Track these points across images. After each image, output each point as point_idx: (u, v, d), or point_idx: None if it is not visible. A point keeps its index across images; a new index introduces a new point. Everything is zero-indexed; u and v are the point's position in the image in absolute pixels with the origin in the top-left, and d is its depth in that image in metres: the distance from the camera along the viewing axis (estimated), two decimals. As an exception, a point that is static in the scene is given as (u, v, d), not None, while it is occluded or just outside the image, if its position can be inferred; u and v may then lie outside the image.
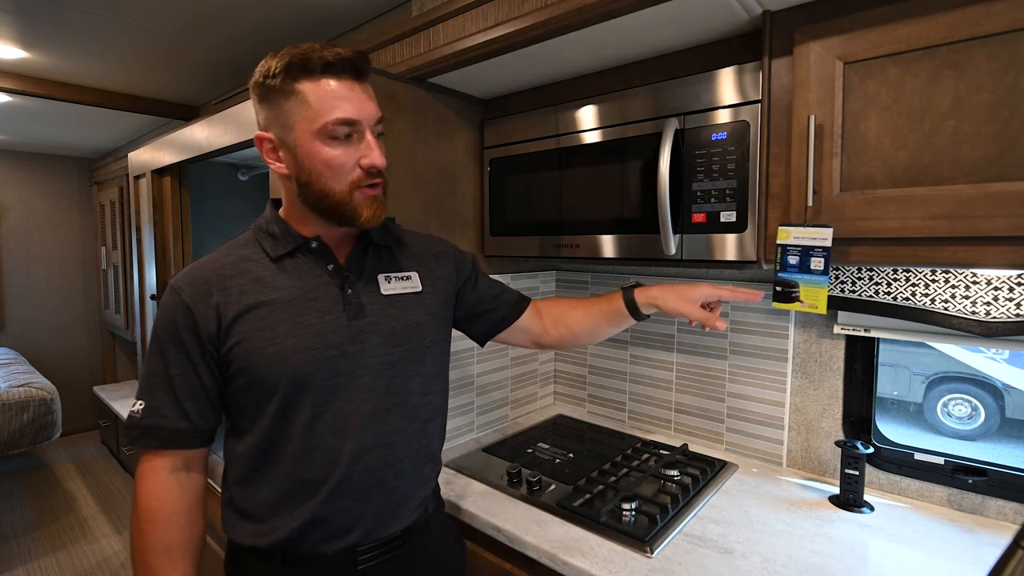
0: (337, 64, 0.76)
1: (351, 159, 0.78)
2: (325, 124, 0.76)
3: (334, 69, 0.76)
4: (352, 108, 0.77)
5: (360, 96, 0.79)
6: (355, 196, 0.79)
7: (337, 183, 0.78)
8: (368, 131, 0.79)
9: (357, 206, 0.80)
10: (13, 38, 1.90)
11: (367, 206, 0.81)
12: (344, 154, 0.78)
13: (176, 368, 0.79)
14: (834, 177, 0.90)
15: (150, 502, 0.78)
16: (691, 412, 1.50)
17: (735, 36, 1.05)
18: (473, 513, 1.11)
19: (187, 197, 2.03)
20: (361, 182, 0.79)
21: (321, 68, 0.76)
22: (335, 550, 0.82)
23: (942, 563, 0.93)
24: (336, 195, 0.79)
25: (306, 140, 0.77)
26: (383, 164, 0.80)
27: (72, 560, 2.43)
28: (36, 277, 3.90)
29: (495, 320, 1.05)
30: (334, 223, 0.83)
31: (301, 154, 0.78)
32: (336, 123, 0.76)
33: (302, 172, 0.79)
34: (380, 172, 0.81)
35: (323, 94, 0.76)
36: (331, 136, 0.77)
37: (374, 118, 0.80)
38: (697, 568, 0.91)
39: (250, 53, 2.07)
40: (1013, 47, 0.74)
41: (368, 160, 0.78)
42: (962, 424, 2.74)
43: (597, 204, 1.24)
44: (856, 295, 1.17)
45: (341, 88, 0.77)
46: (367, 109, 0.79)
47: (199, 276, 0.81)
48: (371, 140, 0.79)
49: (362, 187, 0.80)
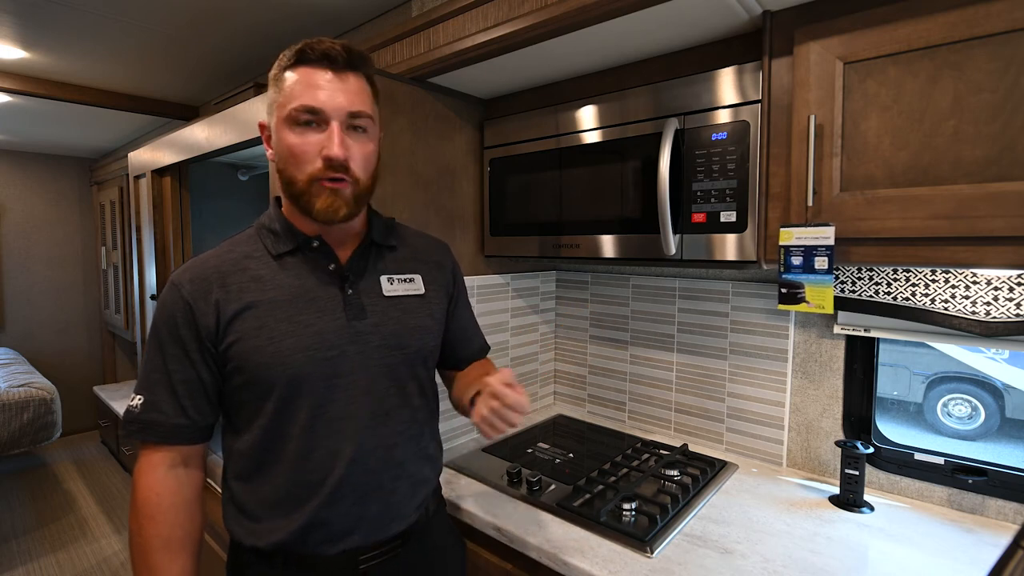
0: (312, 54, 0.77)
1: (313, 148, 0.77)
2: (290, 110, 0.77)
3: (308, 58, 0.78)
4: (319, 96, 0.76)
5: (333, 87, 0.77)
6: (313, 187, 0.78)
7: (299, 171, 0.78)
8: (334, 122, 0.77)
9: (313, 197, 0.78)
10: (13, 38, 1.91)
11: (321, 197, 0.78)
12: (305, 142, 0.77)
13: (174, 364, 0.79)
14: (834, 177, 0.90)
15: (149, 496, 0.78)
16: (691, 412, 1.50)
17: (735, 36, 1.05)
18: (473, 513, 1.11)
19: (187, 197, 2.03)
20: (321, 174, 0.77)
21: (299, 58, 0.78)
22: (336, 552, 0.82)
23: (942, 563, 0.93)
24: (298, 183, 0.79)
25: (279, 126, 0.79)
26: (340, 155, 0.76)
27: (72, 560, 2.43)
28: (36, 277, 3.90)
29: (454, 360, 1.04)
30: (301, 213, 0.82)
31: (276, 140, 0.81)
32: (298, 109, 0.76)
33: (279, 159, 0.81)
34: (344, 168, 0.78)
35: (295, 81, 0.78)
36: (295, 122, 0.77)
37: (343, 110, 0.77)
38: (697, 568, 0.91)
39: (250, 53, 2.07)
40: (1013, 47, 0.74)
41: (326, 151, 0.76)
42: (962, 424, 2.74)
43: (597, 204, 1.24)
44: (856, 295, 1.17)
45: (313, 76, 0.77)
46: (336, 100, 0.77)
47: (199, 272, 0.81)
48: (334, 130, 0.77)
49: (322, 179, 0.78)
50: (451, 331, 1.02)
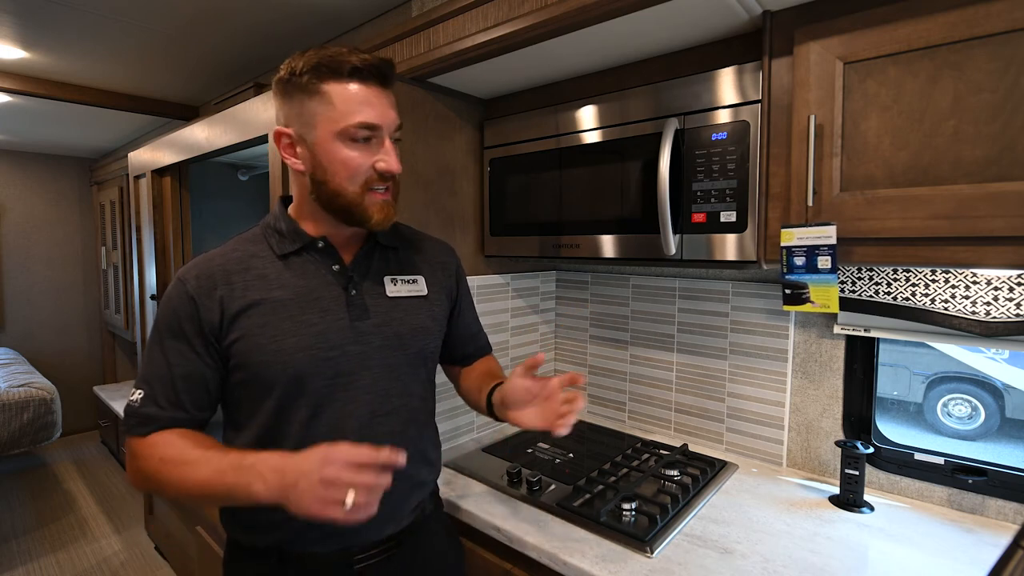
0: (365, 70, 0.78)
1: (367, 162, 0.80)
2: (347, 126, 0.77)
3: (361, 74, 0.78)
4: (375, 113, 0.79)
5: (383, 102, 0.80)
6: (367, 198, 0.81)
7: (351, 184, 0.80)
8: (387, 137, 0.81)
9: (368, 208, 0.81)
10: (13, 38, 1.90)
11: (378, 210, 0.82)
12: (361, 156, 0.79)
13: (176, 359, 0.79)
14: (834, 177, 0.90)
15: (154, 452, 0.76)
16: (691, 412, 1.50)
17: (735, 36, 1.05)
18: (473, 513, 1.11)
19: (187, 197, 2.03)
20: (373, 184, 0.81)
21: (349, 71, 0.77)
22: (331, 551, 0.82)
23: (942, 563, 0.93)
24: (349, 195, 0.80)
25: (326, 139, 0.79)
26: (399, 170, 0.82)
27: (72, 560, 2.43)
28: (36, 277, 3.90)
29: (459, 357, 1.08)
30: (344, 222, 0.84)
31: (319, 152, 0.79)
32: (358, 126, 0.78)
33: (318, 170, 0.80)
34: (392, 177, 0.83)
35: (348, 97, 0.78)
36: (351, 138, 0.78)
37: (394, 125, 0.82)
38: (697, 568, 0.91)
39: (250, 53, 2.07)
40: (1013, 47, 0.74)
41: (384, 164, 0.80)
42: (962, 424, 2.74)
43: (597, 204, 1.24)
44: (856, 295, 1.17)
45: (366, 93, 0.79)
46: (388, 115, 0.81)
47: (205, 269, 0.81)
48: (389, 145, 0.81)
49: (373, 190, 0.81)
50: (455, 332, 1.04)
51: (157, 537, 2.43)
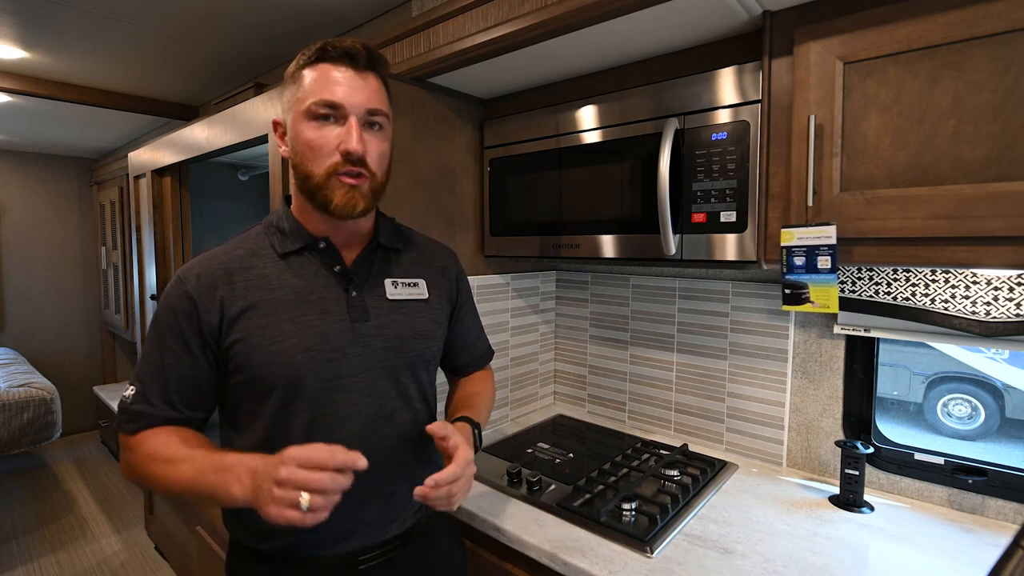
0: (333, 51, 0.78)
1: (331, 143, 0.78)
2: (309, 104, 0.77)
3: (329, 55, 0.79)
4: (339, 91, 0.77)
5: (352, 84, 0.79)
6: (331, 181, 0.79)
7: (316, 165, 0.78)
8: (353, 117, 0.78)
9: (331, 191, 0.79)
10: (13, 38, 1.90)
11: (341, 194, 0.79)
12: (323, 136, 0.78)
13: (171, 358, 0.79)
14: (834, 177, 0.90)
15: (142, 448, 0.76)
16: (691, 412, 1.50)
17: (735, 36, 1.05)
18: (473, 513, 1.11)
19: (187, 197, 2.03)
20: (339, 168, 0.78)
21: (319, 54, 0.79)
22: (335, 554, 0.82)
23: (942, 563, 0.93)
24: (315, 178, 0.79)
25: (296, 120, 0.79)
26: (358, 150, 0.77)
27: (72, 560, 2.43)
28: (36, 277, 3.90)
29: (457, 364, 1.07)
30: (316, 209, 0.81)
31: (293, 134, 0.81)
32: (318, 103, 0.77)
33: (295, 154, 0.81)
34: (362, 162, 0.79)
35: (315, 77, 0.78)
36: (313, 116, 0.78)
37: (362, 107, 0.79)
38: (697, 568, 0.91)
39: (250, 53, 2.07)
40: (1013, 47, 0.74)
41: (344, 145, 0.77)
42: (962, 424, 2.74)
43: (597, 204, 1.24)
44: (856, 295, 1.17)
45: (333, 73, 0.78)
46: (356, 96, 0.78)
47: (206, 268, 0.81)
48: (352, 125, 0.78)
49: (340, 174, 0.78)
50: (454, 337, 1.03)
51: (157, 537, 2.43)
